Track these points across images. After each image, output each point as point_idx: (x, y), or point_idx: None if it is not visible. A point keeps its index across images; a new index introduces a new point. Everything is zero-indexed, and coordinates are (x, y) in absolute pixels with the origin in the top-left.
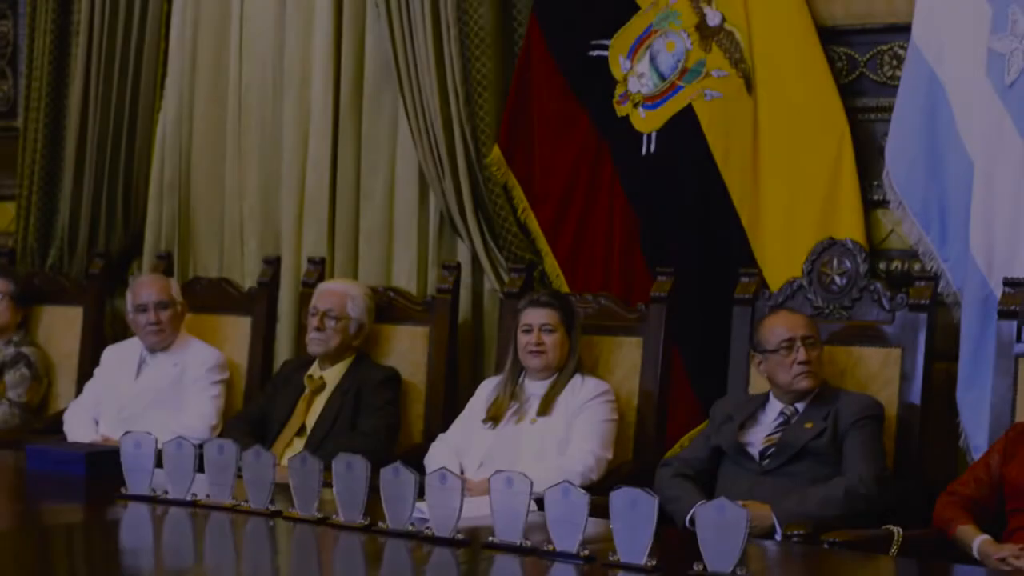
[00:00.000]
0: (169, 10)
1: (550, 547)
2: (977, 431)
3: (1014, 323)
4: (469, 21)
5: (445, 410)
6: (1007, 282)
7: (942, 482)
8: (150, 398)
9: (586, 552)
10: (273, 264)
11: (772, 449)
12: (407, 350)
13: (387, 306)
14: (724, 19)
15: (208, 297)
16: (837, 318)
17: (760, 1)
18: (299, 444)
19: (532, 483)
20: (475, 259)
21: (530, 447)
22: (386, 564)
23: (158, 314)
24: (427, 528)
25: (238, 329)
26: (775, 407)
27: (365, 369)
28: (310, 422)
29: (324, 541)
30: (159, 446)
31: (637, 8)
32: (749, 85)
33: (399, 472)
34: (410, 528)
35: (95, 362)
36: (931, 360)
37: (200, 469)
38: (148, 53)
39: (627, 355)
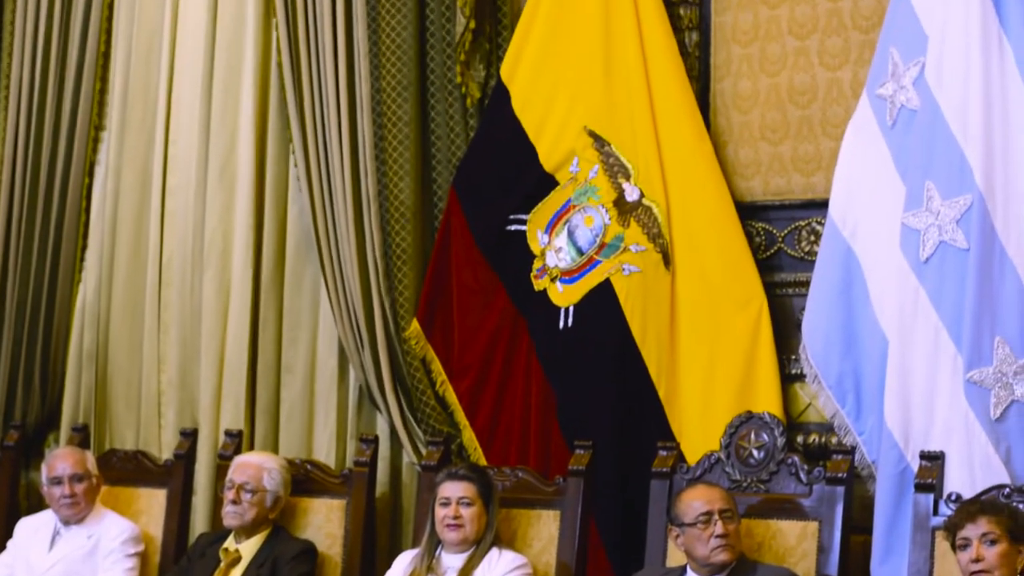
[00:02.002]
0: (90, 182)
1: None
2: None
3: (931, 496)
4: (389, 195)
5: None
6: (923, 455)
7: None
8: (63, 571)
9: None
10: (190, 436)
11: None
12: (324, 523)
13: (304, 479)
14: (642, 194)
15: (124, 469)
16: (755, 491)
17: (679, 177)
18: None
19: None
20: (393, 432)
21: None
22: None
23: (73, 487)
24: None
25: (154, 502)
26: None
27: (281, 542)
28: None
29: None
30: None
31: (556, 183)
32: (667, 260)
33: None
34: None
35: (8, 535)
36: (848, 533)
37: None
38: (68, 224)
39: (544, 528)
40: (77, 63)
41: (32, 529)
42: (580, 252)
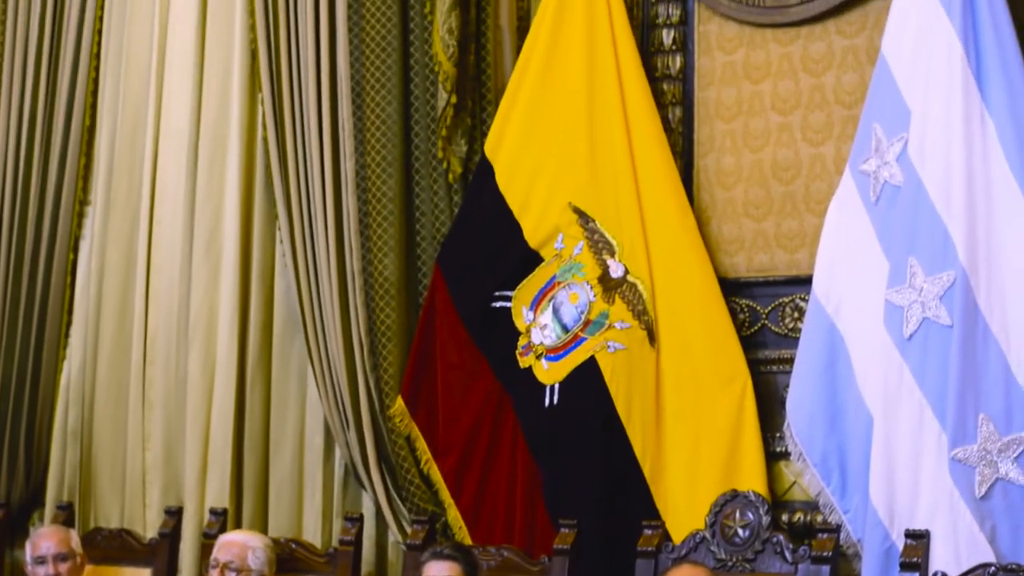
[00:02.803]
0: (75, 258)
1: None
2: None
3: (916, 575)
4: (374, 271)
5: None
6: (909, 534)
7: None
8: None
9: None
10: (175, 515)
11: None
12: None
13: (289, 558)
14: (627, 271)
15: (109, 548)
16: (741, 570)
17: (663, 254)
18: None
19: None
20: (379, 510)
21: None
22: None
23: (57, 567)
24: None
25: None
26: None
27: None
28: None
29: None
30: None
31: (540, 260)
32: (652, 337)
33: None
34: None
35: None
36: None
37: None
38: (53, 300)
39: None
40: (62, 138)
41: None
42: (565, 329)
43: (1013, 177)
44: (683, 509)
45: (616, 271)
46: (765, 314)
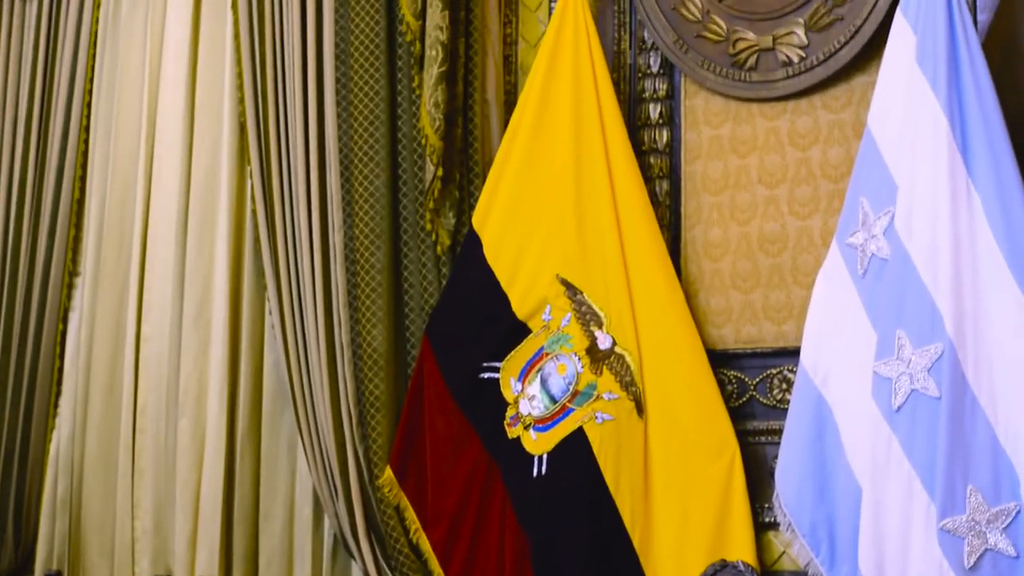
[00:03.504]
0: (64, 328)
1: None
2: None
3: None
4: (363, 343)
5: None
6: None
7: None
8: None
9: None
10: None
11: None
12: None
13: None
14: (615, 342)
15: None
16: None
17: (651, 325)
18: None
19: None
20: None
21: None
22: None
23: None
24: None
25: None
26: None
27: None
28: None
29: None
30: None
31: (528, 331)
32: (640, 408)
33: None
34: None
35: None
36: None
37: None
38: (42, 370)
39: None
40: (51, 210)
41: None
42: (553, 400)
43: (999, 250)
44: None
45: (604, 343)
46: (753, 385)
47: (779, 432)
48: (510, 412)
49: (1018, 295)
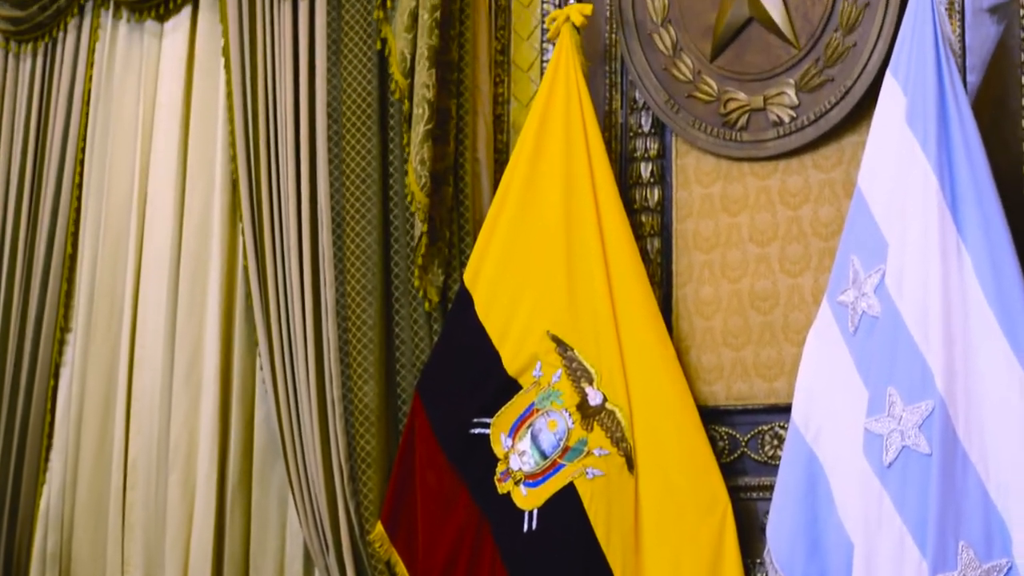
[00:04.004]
0: (56, 384)
1: None
2: None
3: None
4: (354, 399)
5: None
6: None
7: None
8: None
9: None
10: None
11: None
12: None
13: None
14: (606, 399)
15: None
16: None
17: (642, 381)
18: None
19: None
20: None
21: None
22: None
23: None
24: None
25: None
26: None
27: None
28: None
29: None
30: None
31: (519, 387)
32: (631, 464)
33: None
34: None
35: None
36: None
37: None
38: (33, 426)
39: None
40: (44, 266)
41: None
42: (544, 456)
43: (990, 309)
44: None
45: (595, 399)
46: (745, 442)
47: (771, 488)
48: (500, 467)
49: (1008, 353)
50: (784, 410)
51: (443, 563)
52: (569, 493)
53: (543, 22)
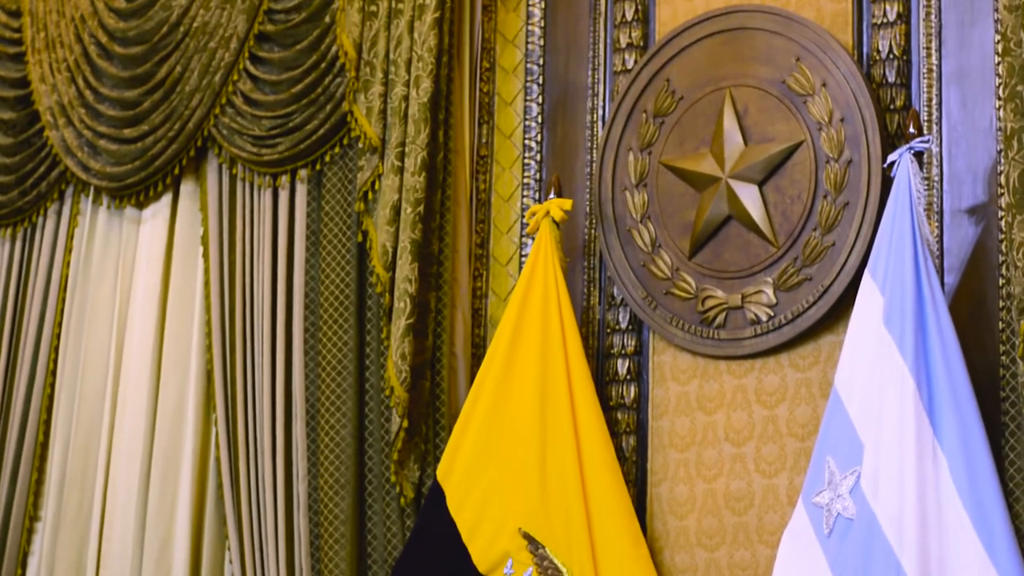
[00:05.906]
0: (23, 573)
1: None
2: None
3: None
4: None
5: None
6: None
7: None
8: None
9: None
10: None
11: None
12: None
13: None
14: None
15: None
16: None
17: None
18: None
19: None
20: None
21: None
22: None
23: None
24: None
25: None
26: None
27: None
28: None
29: None
30: None
31: None
32: None
33: None
34: None
35: None
36: None
37: None
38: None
39: None
40: (15, 453)
41: None
42: None
43: (966, 513)
44: None
45: None
46: None
47: None
48: None
49: (983, 557)
50: None
51: None
52: None
53: (523, 216)
